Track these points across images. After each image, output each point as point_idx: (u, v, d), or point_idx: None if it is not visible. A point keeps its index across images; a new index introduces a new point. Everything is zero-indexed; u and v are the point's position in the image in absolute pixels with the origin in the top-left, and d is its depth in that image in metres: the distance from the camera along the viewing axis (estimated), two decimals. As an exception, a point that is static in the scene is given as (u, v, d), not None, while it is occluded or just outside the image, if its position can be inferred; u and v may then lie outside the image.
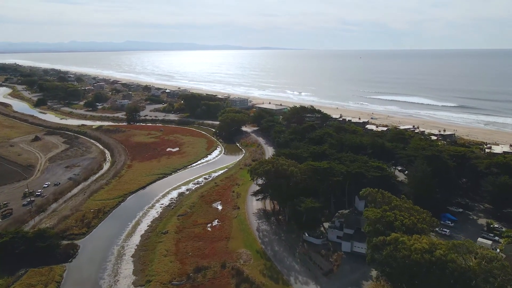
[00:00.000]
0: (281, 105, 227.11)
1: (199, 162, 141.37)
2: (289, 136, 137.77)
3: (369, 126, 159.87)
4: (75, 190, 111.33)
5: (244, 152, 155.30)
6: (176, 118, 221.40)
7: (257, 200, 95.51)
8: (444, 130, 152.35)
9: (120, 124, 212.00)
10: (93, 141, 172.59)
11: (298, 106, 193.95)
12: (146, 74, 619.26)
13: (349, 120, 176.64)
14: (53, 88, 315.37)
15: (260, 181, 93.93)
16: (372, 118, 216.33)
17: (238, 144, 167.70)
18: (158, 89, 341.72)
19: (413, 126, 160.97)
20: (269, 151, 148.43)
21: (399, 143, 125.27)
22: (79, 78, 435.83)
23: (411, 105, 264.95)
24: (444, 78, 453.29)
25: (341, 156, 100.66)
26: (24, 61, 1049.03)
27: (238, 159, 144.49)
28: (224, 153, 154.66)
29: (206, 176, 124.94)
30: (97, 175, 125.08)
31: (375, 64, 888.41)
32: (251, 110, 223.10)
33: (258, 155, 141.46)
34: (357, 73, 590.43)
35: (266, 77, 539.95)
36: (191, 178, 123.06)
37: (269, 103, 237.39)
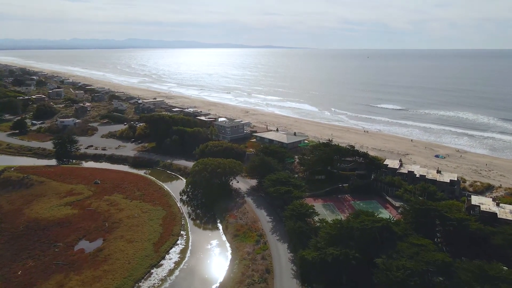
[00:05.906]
0: (295, 134, 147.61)
1: (125, 298, 63.34)
2: (330, 251, 59.49)
3: (480, 202, 79.82)
4: None
5: (229, 254, 77.10)
6: (132, 154, 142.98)
7: None
8: None
9: (40, 165, 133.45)
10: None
11: (329, 142, 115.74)
12: (131, 75, 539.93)
13: (422, 176, 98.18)
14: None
15: None
16: (436, 156, 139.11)
17: (220, 226, 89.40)
18: (131, 98, 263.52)
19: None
20: (282, 261, 70.67)
21: None
22: (41, 81, 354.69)
23: (474, 130, 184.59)
24: (486, 87, 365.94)
25: None
26: (6, 58, 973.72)
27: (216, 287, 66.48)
28: (188, 258, 76.16)
29: None
30: None
31: (386, 65, 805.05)
32: (248, 142, 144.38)
33: (259, 284, 63.48)
34: (370, 76, 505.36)
35: (267, 82, 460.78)
36: None
37: (277, 129, 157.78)
